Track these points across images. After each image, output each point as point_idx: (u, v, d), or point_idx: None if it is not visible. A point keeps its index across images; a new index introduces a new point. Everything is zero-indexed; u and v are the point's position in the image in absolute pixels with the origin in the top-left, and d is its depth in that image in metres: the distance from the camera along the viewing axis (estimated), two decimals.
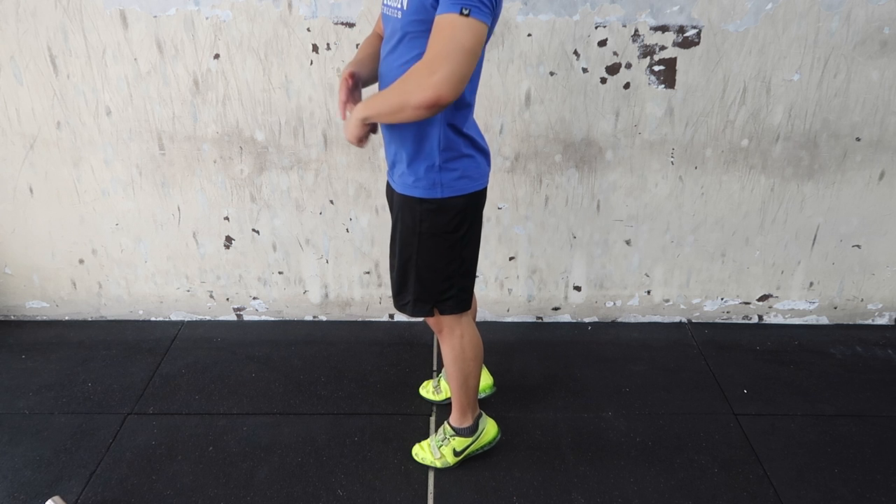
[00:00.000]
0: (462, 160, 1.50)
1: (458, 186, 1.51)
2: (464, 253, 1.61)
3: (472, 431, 1.88)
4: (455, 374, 1.79)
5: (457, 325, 1.73)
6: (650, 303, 2.60)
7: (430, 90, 1.24)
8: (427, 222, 1.53)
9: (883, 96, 2.19)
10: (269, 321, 2.63)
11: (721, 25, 2.08)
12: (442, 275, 1.61)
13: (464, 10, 1.21)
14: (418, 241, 1.56)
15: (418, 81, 1.26)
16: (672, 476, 1.90)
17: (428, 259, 1.59)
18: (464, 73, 1.24)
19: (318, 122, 2.23)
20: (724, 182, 2.35)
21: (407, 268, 1.62)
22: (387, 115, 1.37)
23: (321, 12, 2.05)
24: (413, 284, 1.63)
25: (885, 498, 1.84)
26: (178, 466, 1.91)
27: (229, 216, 2.41)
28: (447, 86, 1.23)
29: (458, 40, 1.22)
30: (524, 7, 2.05)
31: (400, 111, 1.31)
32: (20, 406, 2.15)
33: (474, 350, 1.77)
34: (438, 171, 1.48)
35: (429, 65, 1.24)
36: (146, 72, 2.14)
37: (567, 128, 2.24)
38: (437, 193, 1.50)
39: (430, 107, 1.27)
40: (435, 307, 1.67)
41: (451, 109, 1.44)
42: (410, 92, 1.27)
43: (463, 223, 1.56)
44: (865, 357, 2.44)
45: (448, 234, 1.55)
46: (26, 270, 2.52)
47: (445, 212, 1.53)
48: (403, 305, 1.69)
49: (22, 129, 2.24)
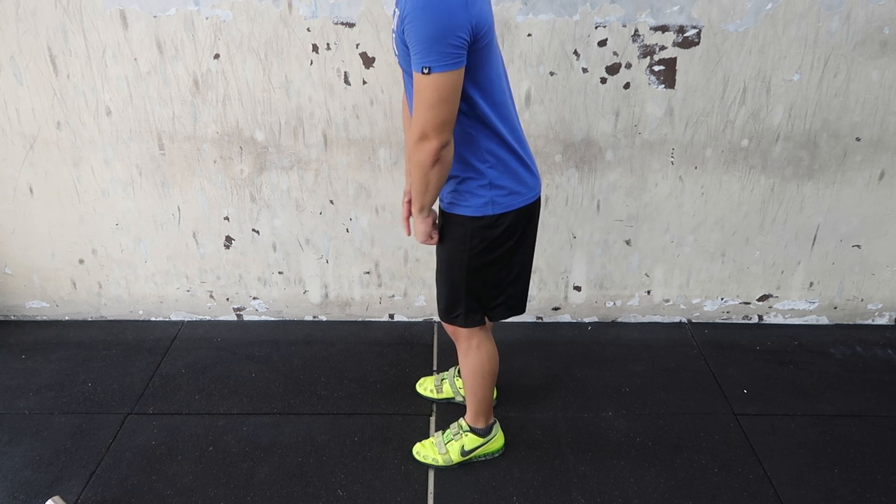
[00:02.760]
0: (510, 177, 1.51)
1: (508, 203, 1.52)
2: (514, 260, 1.62)
3: (486, 433, 1.90)
4: (471, 384, 1.82)
5: (474, 337, 1.74)
6: (650, 303, 2.60)
7: (426, 147, 1.36)
8: (478, 238, 1.54)
9: (883, 96, 2.19)
10: (269, 321, 2.63)
11: (721, 25, 2.08)
12: (492, 283, 1.63)
13: (424, 69, 1.28)
14: (468, 257, 1.57)
15: (416, 150, 1.37)
16: (672, 476, 1.90)
17: (478, 272, 1.60)
18: (443, 118, 1.33)
19: (318, 122, 2.23)
20: (724, 182, 2.35)
21: (458, 283, 1.63)
22: (426, 193, 1.46)
23: (321, 12, 2.06)
24: (464, 298, 1.64)
25: (885, 498, 1.84)
26: (178, 466, 1.91)
27: (229, 216, 2.41)
28: (434, 135, 1.34)
29: (426, 99, 1.32)
30: (524, 7, 2.05)
31: (426, 178, 1.41)
32: (20, 406, 2.15)
33: (491, 363, 1.79)
34: (489, 191, 1.49)
35: (413, 130, 1.36)
36: (146, 72, 2.14)
37: (567, 128, 2.24)
38: (489, 211, 1.51)
39: (436, 158, 1.37)
40: (486, 314, 1.69)
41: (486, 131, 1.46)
42: (419, 162, 1.39)
43: (513, 236, 1.57)
44: (865, 357, 2.44)
45: (498, 247, 1.56)
46: (26, 270, 2.52)
47: (497, 227, 1.53)
48: (454, 318, 1.70)
49: (22, 129, 2.24)
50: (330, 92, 2.18)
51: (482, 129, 1.45)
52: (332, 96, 2.18)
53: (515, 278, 1.66)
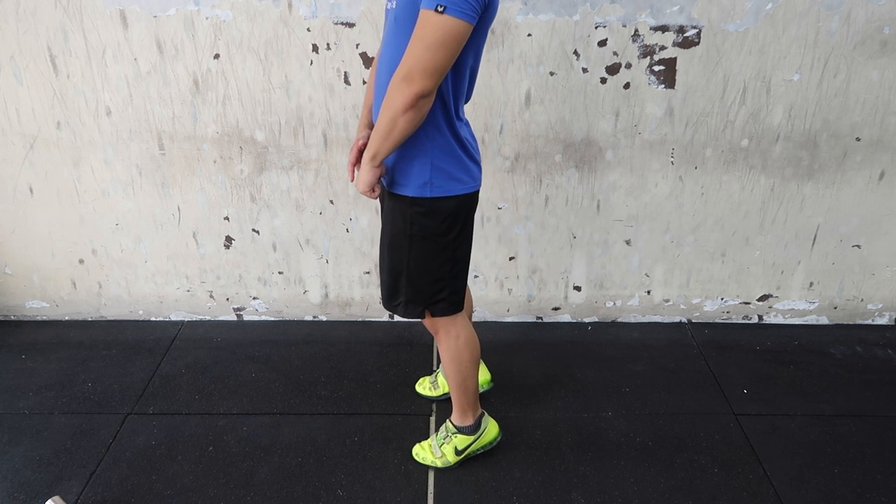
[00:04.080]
0: (453, 161, 1.51)
1: (448, 187, 1.52)
2: (455, 255, 1.62)
3: (475, 430, 1.88)
4: (453, 375, 1.80)
5: (452, 327, 1.73)
6: (650, 303, 2.60)
7: (407, 89, 1.30)
8: (418, 224, 1.54)
9: (883, 96, 2.19)
10: (269, 321, 2.63)
11: (721, 25, 2.08)
12: (433, 277, 1.62)
13: (439, 7, 1.25)
14: (409, 243, 1.57)
15: (396, 87, 1.32)
16: (672, 476, 1.90)
17: (419, 261, 1.60)
18: (436, 64, 1.29)
19: (318, 122, 2.23)
20: (724, 182, 2.35)
21: (398, 270, 1.63)
22: (386, 139, 1.40)
23: (321, 12, 2.06)
24: (405, 286, 1.64)
25: (885, 498, 1.84)
26: (178, 466, 1.91)
27: (229, 216, 2.41)
28: (420, 80, 1.29)
29: (427, 38, 1.27)
30: (524, 7, 2.05)
31: (393, 121, 1.35)
32: (20, 406, 2.15)
33: (471, 352, 1.78)
34: (430, 171, 1.49)
35: (401, 66, 1.30)
36: (146, 72, 2.14)
37: (567, 128, 2.24)
38: (427, 193, 1.51)
39: (413, 104, 1.31)
40: (427, 309, 1.68)
41: (442, 110, 1.46)
42: (393, 102, 1.33)
43: (454, 226, 1.57)
44: (865, 357, 2.44)
45: (439, 236, 1.56)
46: (26, 270, 2.52)
47: (436, 214, 1.53)
48: (395, 306, 1.69)
49: (22, 129, 2.24)
50: (330, 92, 2.18)
51: (440, 106, 1.45)
52: (332, 96, 2.18)
53: (458, 274, 1.66)
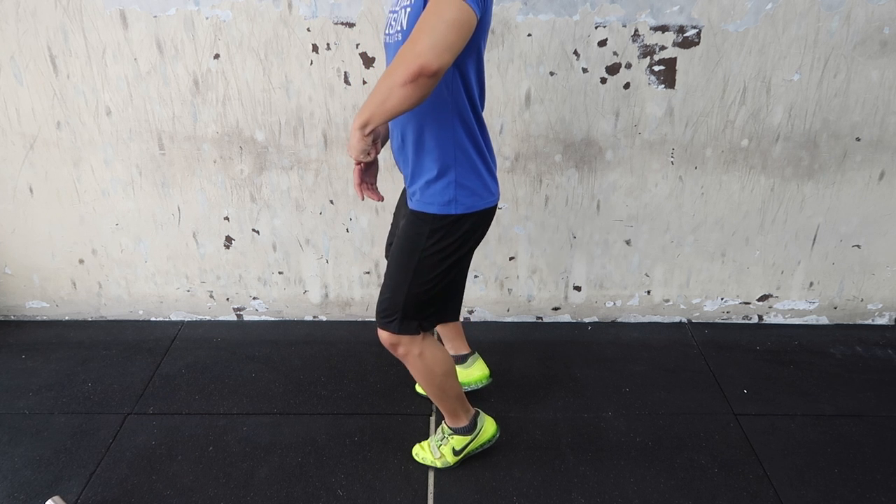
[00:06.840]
0: (475, 178, 1.49)
1: (471, 203, 1.50)
2: (453, 273, 1.59)
3: (471, 430, 1.88)
4: (430, 391, 1.77)
5: (415, 345, 1.66)
6: (650, 303, 2.60)
7: (412, 61, 1.22)
8: (435, 238, 1.52)
9: (883, 96, 2.19)
10: (269, 321, 2.63)
11: (721, 25, 2.08)
12: (431, 294, 1.59)
13: None
14: (418, 259, 1.54)
15: (401, 58, 1.24)
16: (672, 476, 1.90)
17: (424, 278, 1.56)
18: (448, 42, 1.22)
19: (318, 122, 2.23)
20: (724, 182, 2.35)
21: (400, 285, 1.59)
22: (380, 108, 1.31)
23: (321, 12, 2.06)
24: (403, 303, 1.59)
25: (885, 498, 1.84)
26: (178, 466, 1.91)
27: (229, 216, 2.41)
28: (430, 54, 1.21)
29: (440, 13, 1.22)
30: (524, 7, 2.05)
31: (390, 90, 1.26)
32: (20, 406, 2.15)
33: (441, 365, 1.72)
34: (454, 189, 1.48)
35: (410, 40, 1.24)
36: (146, 72, 2.14)
37: (567, 128, 2.24)
38: (452, 210, 1.49)
39: (414, 78, 1.23)
40: (420, 324, 1.64)
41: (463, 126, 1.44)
42: (394, 72, 1.24)
43: (466, 243, 1.55)
44: (865, 357, 2.44)
45: (453, 254, 1.54)
46: (26, 270, 2.52)
47: (457, 230, 1.52)
48: (388, 323, 1.63)
49: (22, 129, 2.24)
50: (330, 92, 2.18)
51: (460, 124, 1.44)
52: (332, 96, 2.18)
53: (453, 293, 1.65)
